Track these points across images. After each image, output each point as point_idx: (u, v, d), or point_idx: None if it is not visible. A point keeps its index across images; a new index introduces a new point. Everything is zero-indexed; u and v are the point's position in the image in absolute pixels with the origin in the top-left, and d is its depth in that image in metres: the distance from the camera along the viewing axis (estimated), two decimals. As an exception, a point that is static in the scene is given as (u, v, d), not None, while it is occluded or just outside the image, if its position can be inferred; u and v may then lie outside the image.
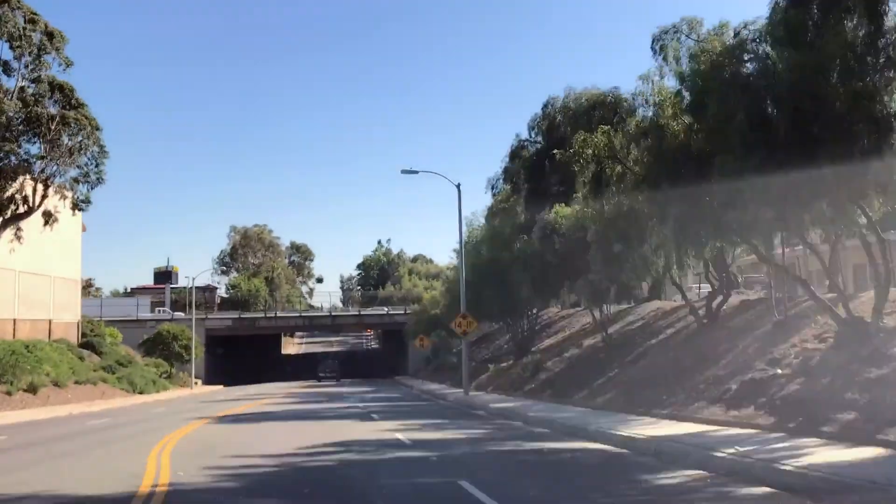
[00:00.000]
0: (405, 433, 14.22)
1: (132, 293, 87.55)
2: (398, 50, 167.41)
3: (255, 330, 69.79)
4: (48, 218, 30.62)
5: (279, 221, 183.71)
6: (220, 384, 56.52)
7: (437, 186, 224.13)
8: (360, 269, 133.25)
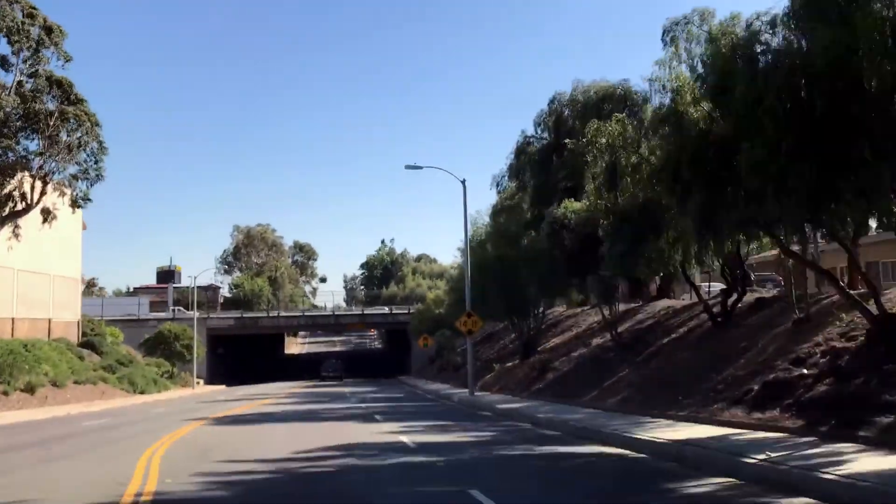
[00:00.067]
0: (410, 436, 13.62)
1: (135, 293, 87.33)
2: (398, 50, 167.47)
3: (257, 329, 69.30)
4: (47, 215, 30.18)
5: (281, 221, 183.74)
6: (222, 384, 56.04)
7: (440, 185, 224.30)
8: (363, 268, 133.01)
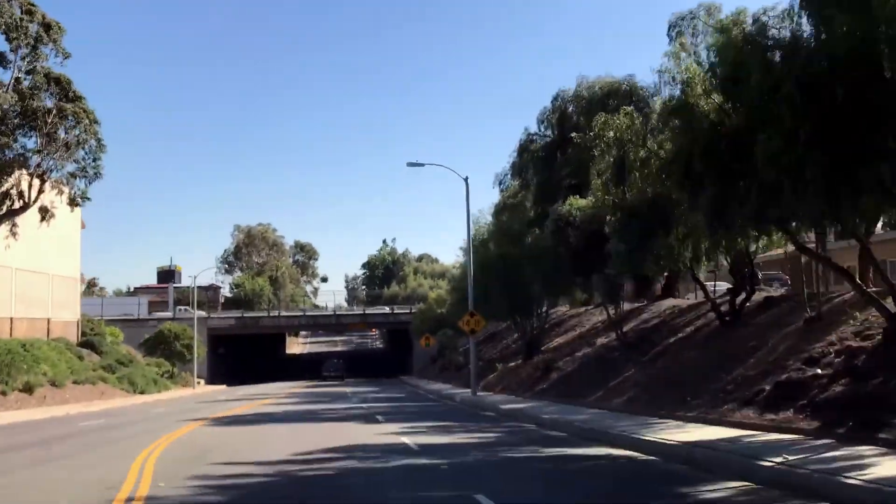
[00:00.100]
0: (412, 437, 13.29)
1: (135, 293, 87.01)
2: (398, 50, 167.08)
3: (258, 329, 68.99)
4: (45, 214, 29.80)
5: (282, 221, 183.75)
6: (223, 384, 55.76)
7: (442, 185, 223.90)
8: (364, 268, 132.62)
